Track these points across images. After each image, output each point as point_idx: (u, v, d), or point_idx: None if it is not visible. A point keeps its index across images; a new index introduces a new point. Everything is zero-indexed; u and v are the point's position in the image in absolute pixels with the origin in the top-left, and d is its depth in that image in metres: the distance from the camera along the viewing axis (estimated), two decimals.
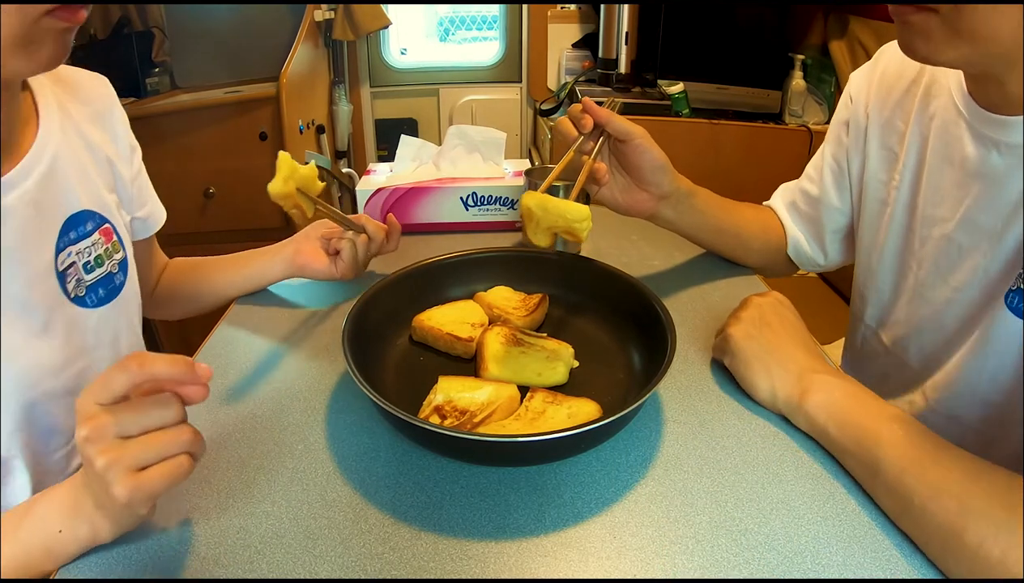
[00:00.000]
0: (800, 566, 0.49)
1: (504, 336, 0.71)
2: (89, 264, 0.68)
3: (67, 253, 0.65)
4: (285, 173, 0.73)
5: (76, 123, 0.69)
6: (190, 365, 0.45)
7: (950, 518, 0.47)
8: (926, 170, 0.70)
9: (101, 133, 0.73)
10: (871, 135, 0.78)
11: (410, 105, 2.53)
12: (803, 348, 0.66)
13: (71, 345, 0.65)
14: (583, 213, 0.66)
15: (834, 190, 0.85)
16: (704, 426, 0.64)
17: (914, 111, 0.72)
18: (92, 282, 0.68)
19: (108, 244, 0.70)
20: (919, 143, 0.71)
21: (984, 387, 0.64)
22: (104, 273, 0.70)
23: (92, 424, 0.44)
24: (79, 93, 0.72)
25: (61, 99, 0.68)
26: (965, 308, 0.66)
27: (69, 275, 0.65)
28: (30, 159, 0.62)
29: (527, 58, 2.43)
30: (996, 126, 0.61)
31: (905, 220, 0.74)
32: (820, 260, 0.91)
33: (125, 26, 2.01)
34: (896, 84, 0.75)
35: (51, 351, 0.63)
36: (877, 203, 0.78)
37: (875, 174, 0.78)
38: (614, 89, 2.05)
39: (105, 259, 0.70)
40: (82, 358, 0.66)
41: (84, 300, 0.67)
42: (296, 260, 0.85)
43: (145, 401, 0.45)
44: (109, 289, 0.70)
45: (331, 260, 0.84)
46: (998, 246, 0.62)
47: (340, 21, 2.17)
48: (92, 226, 0.68)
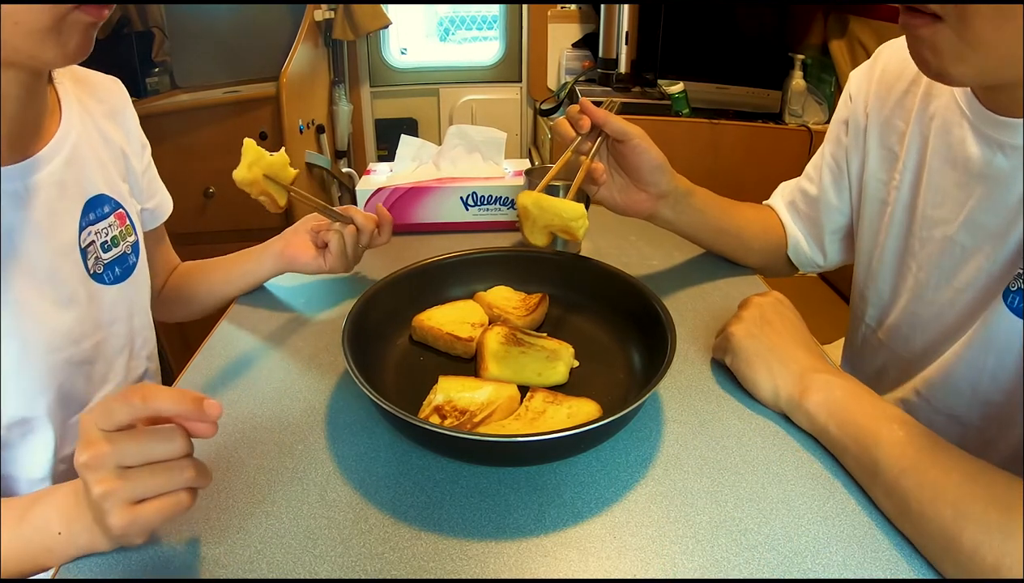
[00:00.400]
0: (800, 566, 0.49)
1: (504, 336, 0.71)
2: (106, 244, 0.73)
3: (87, 232, 0.70)
4: (250, 158, 0.73)
5: (93, 117, 0.75)
6: (197, 402, 0.45)
7: (947, 521, 0.47)
8: (926, 170, 0.70)
9: (115, 128, 0.78)
10: (871, 134, 0.78)
11: (410, 105, 2.53)
12: (804, 347, 0.66)
13: (90, 318, 0.70)
14: (578, 211, 0.66)
15: (833, 190, 0.85)
16: (704, 426, 0.64)
17: (914, 111, 0.72)
18: (109, 260, 0.73)
19: (122, 227, 0.75)
20: (919, 143, 0.71)
21: (984, 387, 0.64)
22: (119, 253, 0.75)
23: (92, 452, 0.43)
24: (96, 92, 0.77)
25: (80, 96, 0.74)
26: (966, 308, 0.66)
27: (90, 253, 0.70)
28: (55, 144, 0.67)
29: (527, 58, 2.43)
30: (1001, 128, 0.61)
31: (905, 220, 0.73)
32: (819, 261, 0.91)
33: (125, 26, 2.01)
34: (896, 84, 0.75)
35: (72, 321, 0.67)
36: (877, 203, 0.77)
37: (875, 174, 0.78)
38: (614, 89, 2.05)
39: (120, 240, 0.75)
40: (99, 331, 0.71)
41: (102, 277, 0.72)
42: (285, 253, 0.85)
43: (149, 433, 0.45)
44: (124, 268, 0.75)
45: (319, 253, 0.84)
46: (1001, 247, 0.62)
47: (340, 21, 2.17)
48: (108, 209, 0.73)
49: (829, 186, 0.85)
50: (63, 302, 0.67)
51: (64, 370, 0.66)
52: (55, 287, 0.66)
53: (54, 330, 0.65)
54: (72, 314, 0.67)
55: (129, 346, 0.76)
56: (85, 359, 0.69)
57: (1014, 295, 0.60)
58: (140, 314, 0.78)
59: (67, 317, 0.67)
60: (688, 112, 2.01)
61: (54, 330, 0.65)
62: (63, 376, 0.66)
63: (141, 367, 0.79)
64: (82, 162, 0.70)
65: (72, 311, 0.68)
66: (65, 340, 0.66)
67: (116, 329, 0.74)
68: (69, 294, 0.67)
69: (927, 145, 0.70)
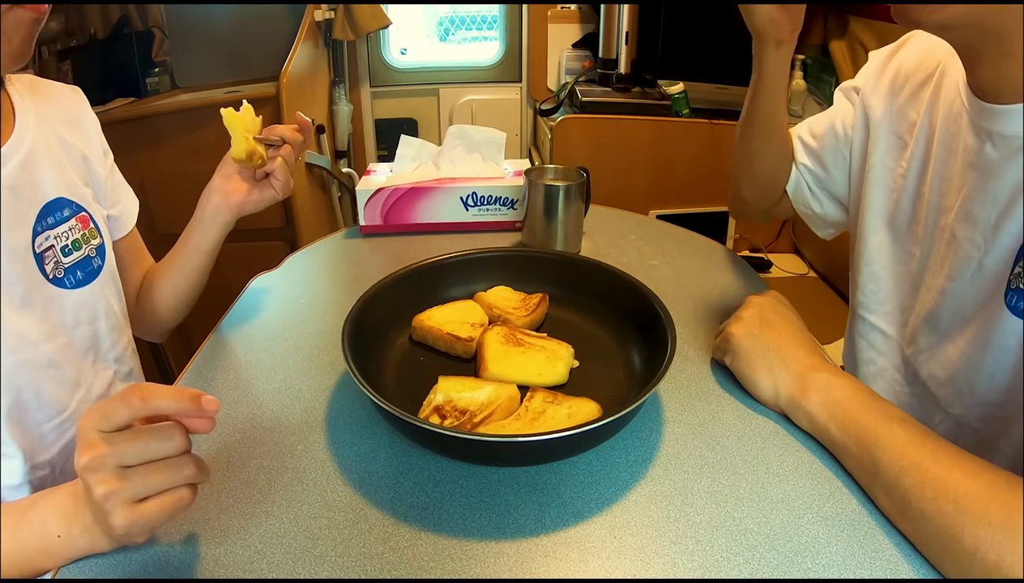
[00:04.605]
0: (800, 566, 0.49)
1: (504, 336, 0.71)
2: (67, 248, 0.72)
3: (45, 237, 0.69)
4: (240, 128, 0.74)
5: (51, 125, 0.74)
6: (195, 399, 0.45)
7: (947, 521, 0.47)
8: (932, 159, 0.70)
9: (75, 134, 0.78)
10: (882, 121, 0.77)
11: (410, 105, 2.53)
12: (804, 347, 0.66)
13: (49, 321, 0.69)
14: None
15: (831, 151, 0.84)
16: (704, 426, 0.64)
17: (926, 102, 0.72)
18: (70, 264, 0.72)
19: (85, 230, 0.74)
20: (928, 133, 0.71)
21: (983, 386, 0.64)
22: (82, 256, 0.74)
23: (92, 454, 0.44)
24: (54, 101, 0.77)
25: (37, 104, 0.73)
26: (961, 302, 0.66)
27: (47, 257, 0.69)
28: (8, 149, 0.67)
29: (527, 58, 2.43)
30: (988, 116, 0.61)
31: (910, 208, 0.73)
32: (815, 206, 0.89)
33: (125, 26, 2.01)
34: (914, 75, 0.75)
35: (29, 324, 0.67)
36: (882, 189, 0.77)
37: (882, 160, 0.77)
38: (614, 89, 2.05)
39: (83, 243, 0.74)
40: (62, 334, 0.70)
41: (63, 281, 0.71)
42: (228, 203, 0.83)
43: (147, 431, 0.45)
44: (87, 272, 0.74)
45: (257, 186, 0.83)
46: (992, 240, 0.62)
47: (340, 21, 2.17)
48: (69, 213, 0.73)
49: (829, 148, 0.84)
50: (17, 305, 0.65)
51: (24, 372, 0.65)
52: (9, 290, 0.65)
53: (9, 332, 0.64)
54: (28, 317, 0.66)
55: (94, 349, 0.75)
56: (48, 361, 0.68)
57: (1014, 294, 0.59)
58: (108, 317, 0.77)
59: (21, 320, 0.66)
60: (688, 112, 2.01)
61: (9, 332, 0.64)
62: (23, 378, 0.65)
63: (110, 370, 0.77)
64: (38, 168, 0.69)
65: (28, 314, 0.66)
66: (21, 342, 0.65)
67: (80, 332, 0.73)
68: (23, 297, 0.66)
69: (934, 135, 0.70)
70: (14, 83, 0.72)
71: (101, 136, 0.83)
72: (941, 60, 0.72)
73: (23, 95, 0.72)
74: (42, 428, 0.68)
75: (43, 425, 0.68)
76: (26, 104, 0.71)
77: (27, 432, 0.66)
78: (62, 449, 0.69)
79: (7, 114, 0.69)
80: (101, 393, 0.75)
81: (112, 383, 0.78)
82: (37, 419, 0.67)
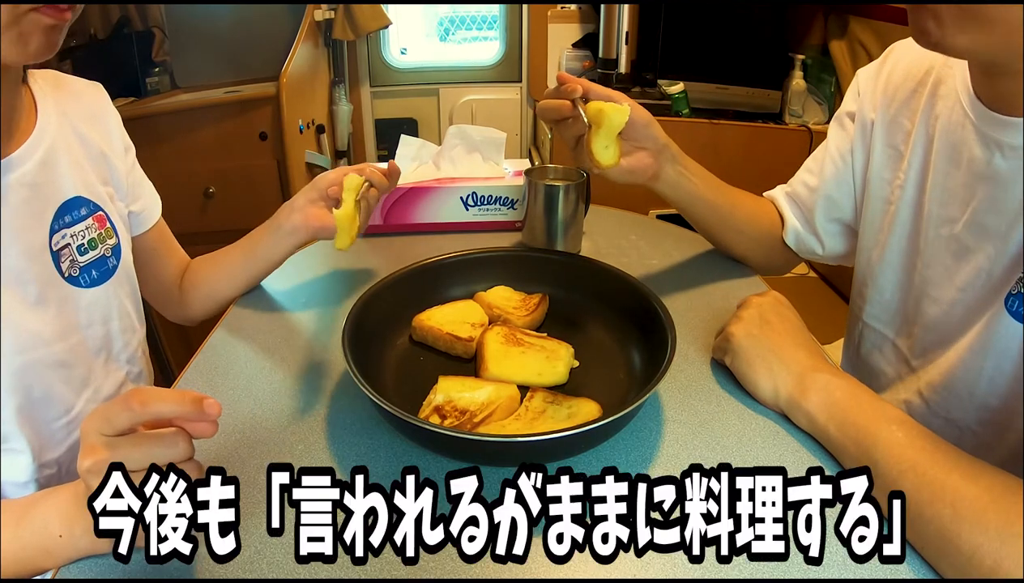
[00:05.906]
0: (800, 566, 0.49)
1: (504, 336, 0.71)
2: (83, 247, 0.72)
3: (61, 235, 0.69)
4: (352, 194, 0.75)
5: (72, 121, 0.74)
6: (197, 402, 0.45)
7: (944, 525, 0.47)
8: (932, 170, 0.70)
9: (96, 131, 0.77)
10: (876, 132, 0.77)
11: (410, 105, 2.53)
12: (804, 347, 0.66)
13: (63, 320, 0.69)
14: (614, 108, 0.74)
15: (834, 183, 0.84)
16: (704, 426, 0.64)
17: (920, 111, 0.72)
18: (86, 263, 0.72)
19: (101, 230, 0.74)
20: (924, 143, 0.71)
21: (982, 390, 0.64)
22: (97, 255, 0.74)
23: (94, 458, 0.44)
24: (76, 96, 0.77)
25: (59, 100, 0.73)
26: (967, 310, 0.66)
27: (63, 255, 0.69)
28: (29, 146, 0.67)
29: (527, 58, 2.43)
30: (1000, 127, 0.61)
31: (911, 219, 0.73)
32: (817, 249, 0.90)
33: (125, 26, 2.01)
34: (904, 84, 0.75)
35: (43, 322, 0.67)
36: (880, 201, 0.77)
37: (879, 172, 0.77)
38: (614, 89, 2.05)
39: (99, 243, 0.74)
40: (75, 333, 0.70)
41: (78, 280, 0.71)
42: (308, 226, 0.83)
43: (150, 438, 0.45)
44: (102, 271, 0.74)
45: None
46: (1002, 249, 0.62)
47: (340, 21, 2.17)
48: (86, 212, 0.73)
49: (831, 178, 0.84)
50: (32, 303, 0.66)
51: (36, 371, 0.65)
52: (23, 287, 0.65)
53: (21, 330, 0.64)
54: (42, 315, 0.66)
55: (106, 349, 0.75)
56: (60, 362, 0.68)
57: (1014, 299, 0.59)
58: (121, 317, 0.77)
59: (36, 318, 0.66)
60: (688, 112, 2.01)
61: (21, 330, 0.64)
62: (34, 377, 0.65)
63: (122, 370, 0.77)
64: (57, 165, 0.70)
65: (42, 312, 0.66)
66: (35, 340, 0.65)
67: (93, 331, 0.73)
68: (38, 295, 0.66)
69: (932, 145, 0.70)
70: (37, 79, 0.72)
71: (123, 132, 0.83)
72: (931, 67, 0.71)
73: (45, 91, 0.72)
74: (51, 426, 0.68)
75: (52, 424, 0.68)
76: (48, 101, 0.71)
77: (36, 430, 0.66)
78: (69, 448, 0.69)
79: (29, 110, 0.69)
80: (111, 394, 0.75)
81: (123, 384, 0.78)
82: (46, 417, 0.67)
